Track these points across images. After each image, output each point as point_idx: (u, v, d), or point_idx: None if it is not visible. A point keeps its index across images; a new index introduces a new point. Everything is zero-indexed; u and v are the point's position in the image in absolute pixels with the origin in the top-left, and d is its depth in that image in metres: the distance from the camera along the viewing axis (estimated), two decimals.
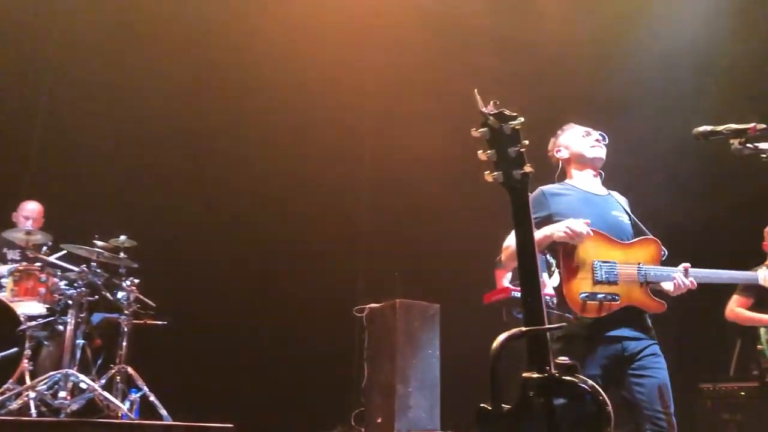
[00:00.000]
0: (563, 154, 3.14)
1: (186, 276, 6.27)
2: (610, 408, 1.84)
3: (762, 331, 4.63)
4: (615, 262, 2.78)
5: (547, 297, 5.63)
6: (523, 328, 1.95)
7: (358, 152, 6.96)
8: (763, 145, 2.66)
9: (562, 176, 3.17)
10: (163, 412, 4.76)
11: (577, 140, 3.11)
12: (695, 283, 2.83)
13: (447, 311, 5.82)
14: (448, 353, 5.62)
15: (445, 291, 6.03)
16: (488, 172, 2.01)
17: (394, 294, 5.76)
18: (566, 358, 1.91)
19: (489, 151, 1.98)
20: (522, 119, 1.97)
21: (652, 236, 2.94)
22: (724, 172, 4.96)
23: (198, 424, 4.01)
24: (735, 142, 2.69)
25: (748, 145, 2.67)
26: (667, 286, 2.84)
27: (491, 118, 1.96)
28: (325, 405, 6.07)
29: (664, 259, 2.91)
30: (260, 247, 6.65)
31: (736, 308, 4.67)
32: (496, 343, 1.92)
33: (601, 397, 1.85)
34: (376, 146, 6.92)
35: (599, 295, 2.71)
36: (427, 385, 5.47)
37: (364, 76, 6.85)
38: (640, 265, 2.81)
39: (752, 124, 2.65)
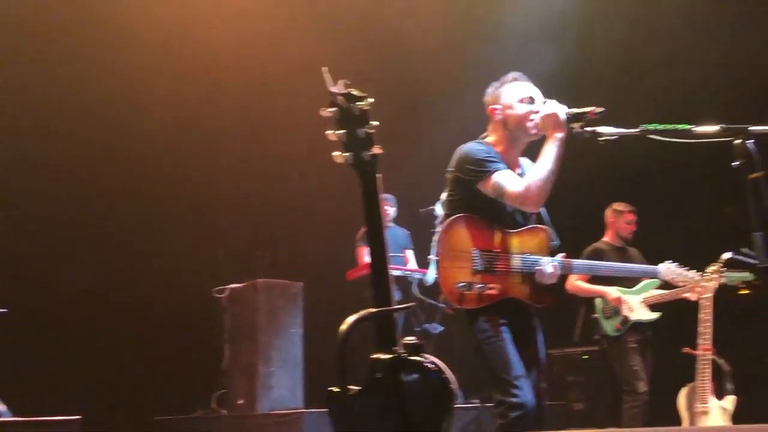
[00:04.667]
0: (499, 115, 2.85)
1: (30, 258, 5.80)
2: (455, 385, 1.89)
3: (597, 301, 4.97)
4: (497, 252, 2.68)
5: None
6: (372, 310, 1.95)
7: (216, 129, 6.70)
8: (601, 129, 2.81)
9: (489, 135, 2.91)
10: (2, 407, 4.38)
11: (519, 106, 2.80)
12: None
13: (311, 289, 5.80)
14: (312, 332, 5.61)
15: (308, 269, 6.01)
16: (338, 152, 1.97)
17: (255, 274, 5.66)
18: (413, 338, 1.94)
19: (338, 132, 1.95)
20: (371, 99, 1.94)
21: (541, 225, 2.84)
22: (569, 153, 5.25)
23: (39, 418, 3.71)
24: (576, 126, 2.83)
25: (587, 128, 2.81)
26: (546, 278, 2.72)
27: (339, 97, 1.92)
28: (185, 389, 5.88)
29: (555, 248, 2.83)
30: (115, 226, 6.26)
31: (576, 281, 4.96)
32: (344, 325, 1.90)
33: (445, 376, 1.89)
34: (235, 122, 6.69)
35: (478, 286, 2.61)
36: (289, 365, 5.44)
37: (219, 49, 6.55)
38: (525, 256, 2.72)
39: (591, 108, 2.78)
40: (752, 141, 2.46)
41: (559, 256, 2.81)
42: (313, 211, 6.51)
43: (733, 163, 2.49)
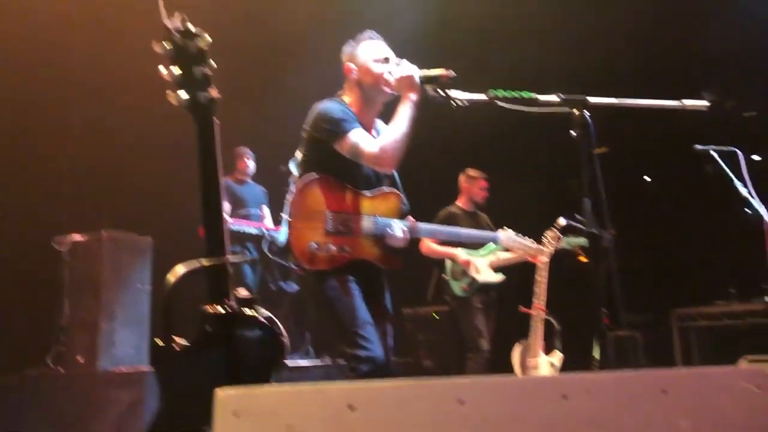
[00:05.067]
0: (354, 74, 2.83)
1: None
2: (286, 339, 1.86)
3: (448, 263, 5.15)
4: (349, 214, 2.69)
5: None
6: (204, 261, 1.87)
7: (63, 75, 6.16)
8: (454, 93, 2.85)
9: (345, 94, 2.88)
10: None
11: (375, 66, 2.80)
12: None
13: (161, 245, 5.53)
14: (162, 288, 5.35)
15: (158, 223, 5.72)
16: (172, 92, 1.85)
17: (101, 226, 5.31)
18: (245, 291, 1.88)
19: (172, 68, 1.82)
20: (209, 39, 1.83)
21: (393, 189, 2.87)
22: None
23: None
24: (429, 88, 2.85)
25: (441, 92, 2.84)
26: (396, 241, 2.78)
27: (175, 33, 1.79)
28: (18, 345, 5.46)
29: (406, 213, 2.88)
30: None
31: (428, 242, 5.11)
32: (173, 276, 1.82)
33: (277, 329, 1.86)
34: (83, 69, 6.19)
35: (330, 247, 2.61)
36: (134, 321, 5.18)
37: None
38: (377, 218, 2.75)
39: (443, 71, 2.81)
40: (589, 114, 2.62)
41: (408, 220, 2.88)
42: (166, 164, 6.19)
43: (571, 132, 2.63)
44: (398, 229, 2.77)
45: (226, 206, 5.96)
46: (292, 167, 2.83)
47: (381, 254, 2.79)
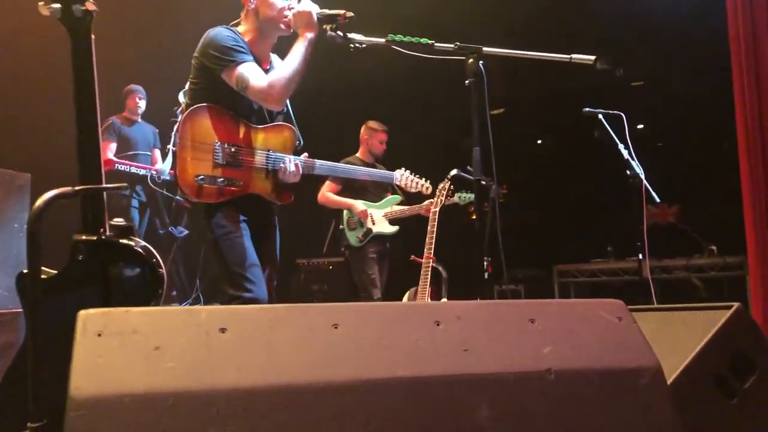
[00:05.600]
0: (252, 4, 2.72)
1: None
2: (163, 270, 1.80)
3: (345, 213, 5.16)
4: (240, 146, 2.59)
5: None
6: (77, 187, 1.76)
7: None
8: (353, 35, 2.81)
9: (241, 24, 2.77)
10: None
11: (276, 1, 2.69)
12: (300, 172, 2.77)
13: (40, 182, 5.19)
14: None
15: (37, 159, 5.36)
16: (43, 3, 1.70)
17: None
18: (121, 220, 1.79)
19: None
20: None
21: (287, 123, 2.79)
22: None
23: None
24: (328, 29, 2.79)
25: (340, 32, 2.79)
26: (288, 176, 2.72)
27: None
28: None
29: (299, 147, 2.81)
30: None
31: (326, 192, 5.09)
32: (40, 201, 1.70)
33: (154, 260, 1.79)
34: None
35: (219, 180, 2.52)
36: (10, 262, 4.87)
37: None
38: (269, 152, 2.68)
39: (342, 11, 2.75)
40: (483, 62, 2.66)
41: (303, 156, 2.82)
42: (47, 97, 5.78)
43: (466, 81, 2.66)
44: (291, 163, 2.71)
45: (112, 146, 5.66)
46: (181, 97, 2.71)
47: (273, 189, 2.71)
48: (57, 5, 1.69)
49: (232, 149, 2.57)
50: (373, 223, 5.03)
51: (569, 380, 1.26)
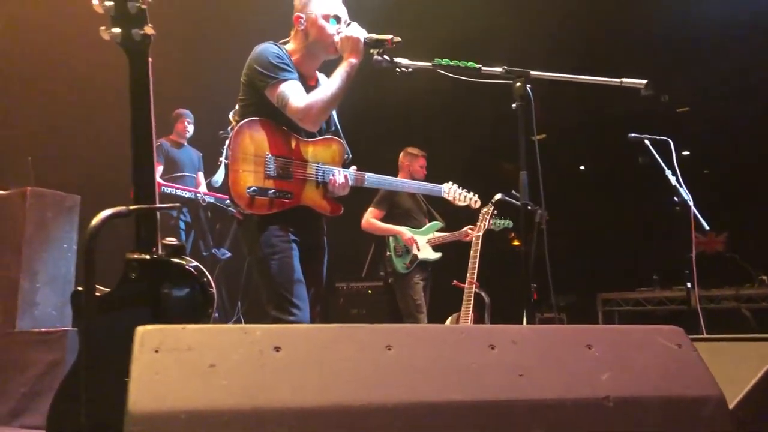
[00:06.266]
0: (302, 24, 2.73)
1: None
2: (213, 290, 1.81)
3: (390, 239, 5.16)
4: (291, 158, 2.61)
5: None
6: (131, 206, 1.79)
7: None
8: (399, 59, 2.83)
9: (290, 42, 2.79)
10: None
11: (324, 22, 2.70)
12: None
13: (89, 203, 5.33)
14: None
15: (87, 181, 5.51)
16: (105, 28, 1.76)
17: (25, 181, 5.08)
18: (174, 239, 1.82)
19: (106, 3, 1.73)
20: None
21: (336, 137, 2.80)
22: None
23: None
24: (374, 53, 2.82)
25: (386, 57, 2.81)
26: (338, 188, 2.70)
27: None
28: None
29: (347, 160, 2.82)
30: None
31: (371, 219, 5.10)
32: (96, 220, 1.73)
33: (205, 279, 1.81)
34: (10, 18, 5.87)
35: (270, 191, 2.54)
36: (58, 281, 4.99)
37: None
38: (319, 165, 2.68)
39: (389, 36, 2.77)
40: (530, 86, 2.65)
41: (352, 169, 2.82)
42: (97, 120, 5.95)
43: (513, 105, 2.65)
44: (341, 176, 2.72)
45: (159, 168, 5.79)
46: (231, 116, 2.75)
47: (322, 201, 2.72)
48: (117, 30, 1.74)
49: (283, 161, 2.59)
50: (419, 250, 5.02)
51: (629, 408, 1.22)
